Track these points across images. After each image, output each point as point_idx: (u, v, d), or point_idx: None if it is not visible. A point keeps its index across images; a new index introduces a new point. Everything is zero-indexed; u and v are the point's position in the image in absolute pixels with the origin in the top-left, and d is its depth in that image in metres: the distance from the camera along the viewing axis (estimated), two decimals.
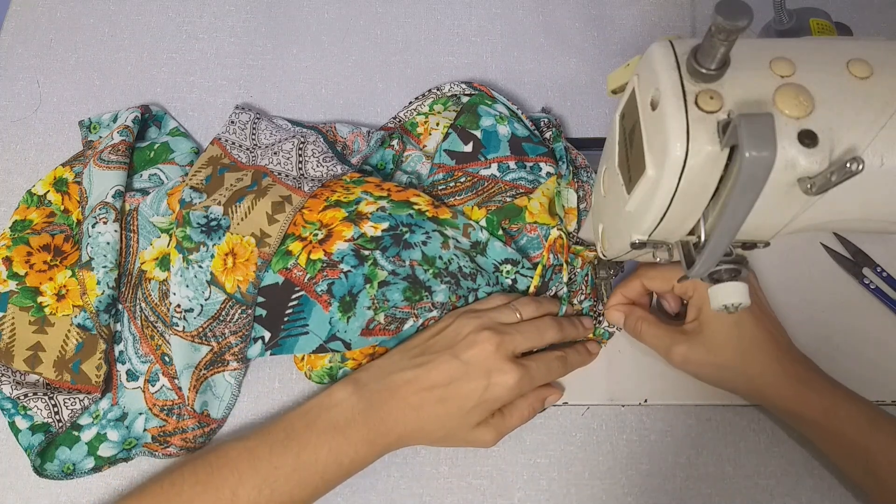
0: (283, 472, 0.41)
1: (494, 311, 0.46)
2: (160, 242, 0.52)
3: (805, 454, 0.48)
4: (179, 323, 0.48)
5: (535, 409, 0.46)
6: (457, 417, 0.43)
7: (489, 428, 0.44)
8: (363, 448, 0.42)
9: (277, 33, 0.63)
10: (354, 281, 0.47)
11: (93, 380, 0.49)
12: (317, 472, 0.41)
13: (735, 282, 0.37)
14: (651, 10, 0.64)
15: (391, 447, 0.44)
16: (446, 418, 0.43)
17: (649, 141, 0.33)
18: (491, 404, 0.43)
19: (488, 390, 0.43)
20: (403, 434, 0.43)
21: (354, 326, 0.46)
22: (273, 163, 0.53)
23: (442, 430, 0.43)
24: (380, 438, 0.42)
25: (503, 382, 0.43)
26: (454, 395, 0.42)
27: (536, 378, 0.45)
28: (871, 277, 0.52)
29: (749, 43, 0.33)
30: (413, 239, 0.48)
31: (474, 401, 0.43)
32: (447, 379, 0.42)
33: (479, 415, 0.43)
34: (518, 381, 0.43)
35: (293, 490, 0.41)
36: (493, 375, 0.43)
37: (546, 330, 0.46)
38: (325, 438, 0.42)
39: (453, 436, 0.44)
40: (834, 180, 0.29)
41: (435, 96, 0.57)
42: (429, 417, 0.43)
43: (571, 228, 0.52)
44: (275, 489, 0.40)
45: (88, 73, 0.61)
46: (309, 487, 0.41)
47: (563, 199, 0.53)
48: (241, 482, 0.40)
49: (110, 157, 0.53)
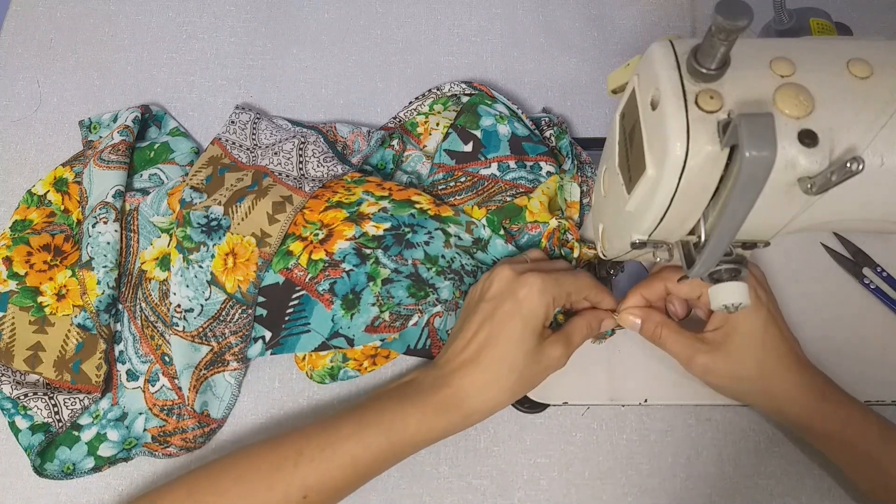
0: (344, 432, 0.41)
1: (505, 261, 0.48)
2: (160, 242, 0.52)
3: (805, 454, 0.48)
4: (179, 323, 0.48)
5: (592, 326, 0.46)
6: (513, 350, 0.42)
7: (553, 343, 0.44)
8: (430, 411, 0.41)
9: (277, 33, 0.63)
10: (357, 279, 0.47)
11: (93, 380, 0.49)
12: (381, 434, 0.41)
13: (735, 281, 0.37)
14: (651, 10, 0.64)
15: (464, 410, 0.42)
16: (505, 355, 0.42)
17: (649, 141, 0.33)
18: (533, 318, 0.43)
19: (522, 305, 0.43)
20: (472, 392, 0.42)
21: (359, 323, 0.46)
22: (273, 163, 0.53)
23: (511, 372, 0.42)
24: (448, 401, 0.42)
25: (530, 290, 0.43)
26: (496, 332, 0.42)
27: (562, 280, 0.44)
28: (871, 277, 0.52)
29: (749, 43, 0.33)
30: (415, 239, 0.49)
31: (517, 324, 0.42)
32: (481, 324, 0.43)
33: (530, 335, 0.43)
34: (542, 282, 0.43)
35: (356, 451, 0.40)
36: (519, 290, 0.43)
37: (552, 263, 0.48)
38: (391, 405, 0.42)
39: (525, 370, 0.43)
40: (834, 180, 0.29)
41: (435, 96, 0.57)
42: (488, 364, 0.42)
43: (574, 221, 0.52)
44: (337, 448, 0.40)
45: (88, 73, 0.61)
46: (373, 449, 0.41)
47: (565, 193, 0.53)
48: (307, 442, 0.41)
49: (110, 156, 0.53)
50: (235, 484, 0.40)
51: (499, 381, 0.42)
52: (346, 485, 0.41)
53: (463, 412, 0.42)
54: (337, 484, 0.41)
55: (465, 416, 0.42)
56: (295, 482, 0.40)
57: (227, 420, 0.50)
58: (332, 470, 0.40)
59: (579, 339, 0.46)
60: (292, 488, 0.40)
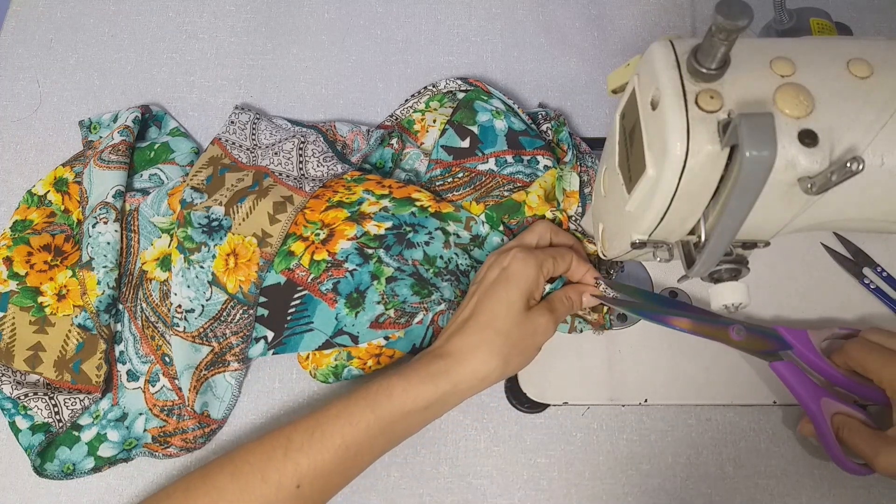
0: (331, 411, 0.41)
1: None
2: (161, 243, 0.52)
3: (805, 454, 0.48)
4: (180, 323, 0.48)
5: (572, 298, 0.47)
6: (501, 315, 0.42)
7: (539, 311, 0.44)
8: (416, 380, 0.41)
9: (277, 33, 0.63)
10: (361, 279, 0.47)
11: (93, 380, 0.49)
12: (367, 407, 0.40)
13: (735, 281, 0.38)
14: (651, 10, 0.64)
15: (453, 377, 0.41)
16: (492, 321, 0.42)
17: (649, 140, 0.33)
18: (517, 282, 0.43)
19: (507, 271, 0.44)
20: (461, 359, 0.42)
21: (363, 319, 0.47)
22: (274, 163, 0.53)
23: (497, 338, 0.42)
24: (435, 369, 0.41)
25: (514, 257, 0.44)
26: (484, 302, 0.43)
27: (545, 249, 0.47)
28: (871, 277, 0.52)
29: (749, 43, 0.33)
30: (416, 239, 0.49)
31: (502, 290, 0.43)
32: (471, 300, 0.44)
33: (517, 299, 0.43)
34: (523, 250, 0.45)
35: (344, 428, 0.40)
36: (503, 261, 0.45)
37: (534, 225, 0.49)
38: (377, 380, 0.42)
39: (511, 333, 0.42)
40: (834, 180, 0.29)
41: (431, 93, 0.57)
42: (475, 332, 0.42)
43: (572, 211, 0.52)
44: (325, 430, 0.40)
45: (88, 73, 0.61)
46: (361, 424, 0.40)
47: (564, 183, 0.53)
48: (294, 428, 0.41)
49: (110, 157, 0.53)
50: (230, 480, 0.40)
51: (485, 343, 0.42)
52: (338, 468, 0.41)
53: (451, 378, 0.41)
54: (329, 467, 0.40)
55: (453, 384, 0.41)
56: (287, 470, 0.39)
57: (228, 420, 0.50)
58: (322, 453, 0.40)
59: (562, 308, 0.46)
60: (285, 478, 0.39)
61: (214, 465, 0.41)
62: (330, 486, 0.42)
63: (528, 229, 0.49)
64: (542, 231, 0.49)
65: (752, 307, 0.51)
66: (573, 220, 0.52)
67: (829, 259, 0.53)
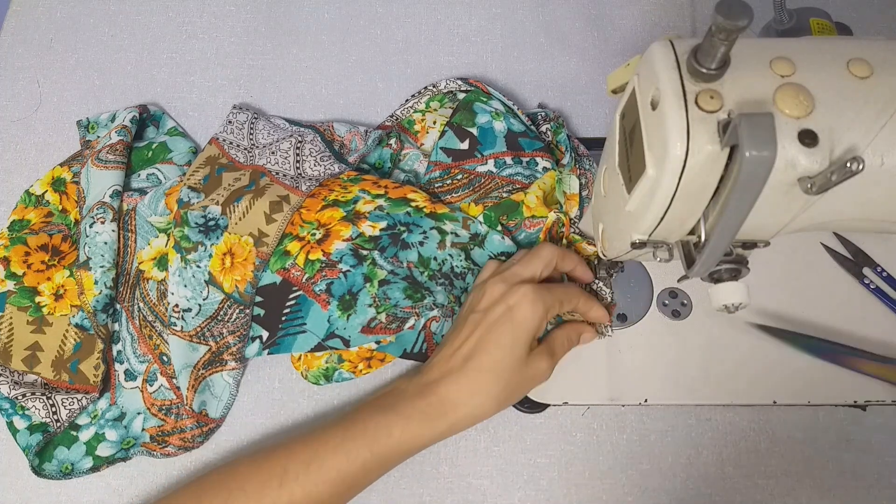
0: (330, 444, 0.41)
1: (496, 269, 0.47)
2: (158, 242, 0.52)
3: (805, 454, 0.48)
4: (177, 323, 0.48)
5: (571, 339, 0.47)
6: (503, 361, 0.42)
7: (539, 356, 0.44)
8: (415, 420, 0.41)
9: (277, 33, 0.63)
10: (354, 280, 0.47)
11: (91, 379, 0.49)
12: (364, 444, 0.41)
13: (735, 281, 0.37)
14: (651, 10, 0.64)
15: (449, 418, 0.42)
16: (493, 366, 0.42)
17: (649, 140, 0.33)
18: (524, 327, 0.42)
19: (514, 316, 0.42)
20: (459, 402, 0.41)
21: (355, 323, 0.46)
22: (271, 162, 0.53)
23: (497, 383, 0.42)
24: (433, 410, 0.41)
25: (521, 300, 0.43)
26: (486, 342, 0.42)
27: (555, 291, 0.45)
28: (871, 277, 0.52)
29: (749, 43, 0.33)
30: (410, 239, 0.49)
31: (507, 335, 0.42)
32: (470, 333, 0.43)
33: (521, 344, 0.42)
34: (534, 292, 0.43)
35: (341, 464, 0.40)
36: (510, 299, 0.43)
37: (541, 249, 0.47)
38: (375, 415, 0.42)
39: (511, 380, 0.42)
40: (834, 180, 0.29)
41: (431, 93, 0.57)
42: (475, 375, 0.42)
43: (573, 214, 0.52)
44: (322, 463, 0.40)
45: (88, 73, 0.61)
46: (358, 461, 0.40)
47: (564, 186, 0.53)
48: (291, 457, 0.41)
49: (108, 156, 0.53)
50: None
51: (485, 389, 0.42)
52: (332, 499, 0.41)
53: (448, 420, 0.42)
54: (323, 498, 0.40)
55: (450, 425, 0.42)
56: (282, 501, 0.40)
57: (227, 420, 0.49)
58: (318, 485, 0.40)
59: (561, 351, 0.46)
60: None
61: (207, 487, 0.41)
62: None
63: (535, 254, 0.46)
64: (549, 257, 0.47)
65: (751, 307, 0.51)
66: (572, 222, 0.52)
67: (829, 259, 0.53)
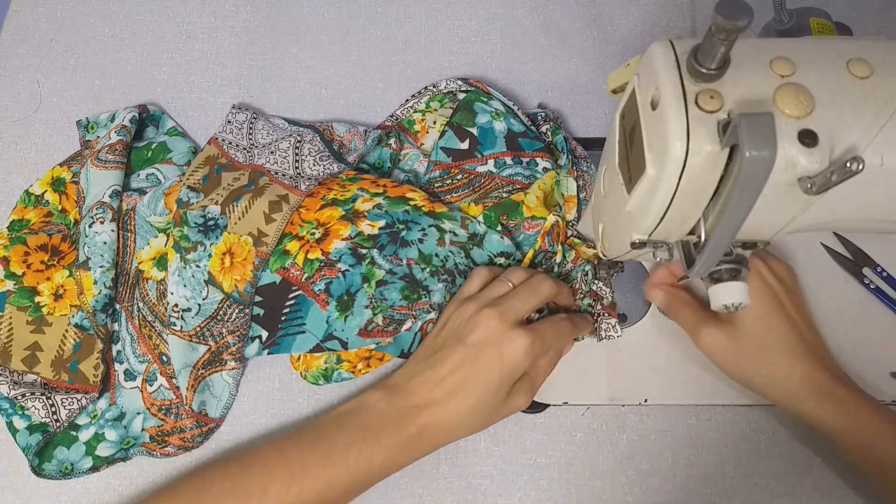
0: (312, 470, 0.40)
1: (487, 290, 0.46)
2: (157, 242, 0.52)
3: (805, 454, 0.48)
4: (177, 322, 0.48)
5: (553, 363, 0.47)
6: (485, 401, 0.42)
7: (519, 392, 0.44)
8: (396, 450, 0.42)
9: (277, 33, 0.63)
10: (352, 280, 0.47)
11: (90, 379, 0.49)
12: (346, 472, 0.41)
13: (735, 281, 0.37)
14: (651, 10, 0.64)
15: (427, 447, 0.43)
16: (476, 405, 0.42)
17: (649, 140, 0.33)
18: (512, 375, 0.43)
19: (504, 362, 0.42)
20: (438, 433, 0.42)
21: (352, 325, 0.46)
22: (270, 162, 0.53)
23: (476, 418, 0.43)
24: (413, 440, 0.42)
25: (516, 350, 0.42)
26: (473, 381, 0.42)
27: (547, 338, 0.44)
28: (871, 277, 0.52)
29: (749, 43, 0.33)
30: (409, 236, 0.49)
31: (495, 378, 0.42)
32: (458, 366, 0.42)
33: (504, 389, 0.43)
34: (530, 344, 0.42)
35: (321, 489, 0.40)
36: (504, 345, 0.42)
37: (539, 285, 0.46)
38: (355, 439, 0.41)
39: (489, 418, 0.43)
40: (834, 180, 0.29)
41: (431, 93, 0.57)
42: (458, 410, 0.42)
43: (571, 217, 0.52)
44: (304, 487, 0.40)
45: (88, 73, 0.61)
46: (338, 488, 0.41)
47: (562, 188, 0.53)
48: (271, 479, 0.40)
49: (107, 156, 0.53)
50: None
51: (464, 422, 0.43)
52: None
53: (425, 449, 0.43)
54: None
55: (427, 452, 0.43)
56: None
57: (227, 420, 0.49)
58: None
59: (542, 381, 0.46)
60: None
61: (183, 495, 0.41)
62: None
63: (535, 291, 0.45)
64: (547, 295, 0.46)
65: None
66: (570, 225, 0.52)
67: (829, 259, 0.53)
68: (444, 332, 0.45)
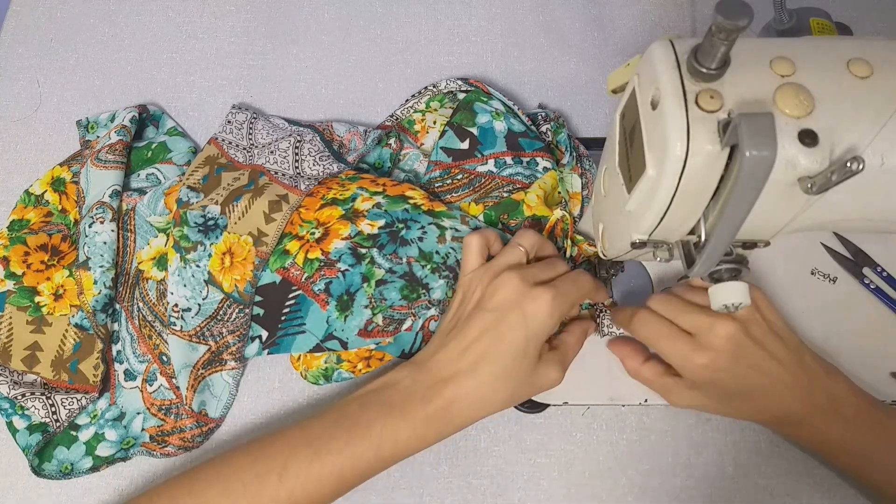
0: (335, 445, 0.40)
1: (500, 256, 0.45)
2: (157, 242, 0.52)
3: (805, 454, 0.48)
4: (177, 322, 0.48)
5: (581, 342, 0.46)
6: (512, 368, 0.41)
7: (550, 364, 0.43)
8: (421, 424, 0.40)
9: (277, 33, 0.63)
10: (352, 280, 0.47)
11: (90, 379, 0.49)
12: (370, 448, 0.40)
13: (735, 281, 0.37)
14: (651, 10, 0.64)
15: (456, 422, 0.41)
16: (503, 372, 0.41)
17: (649, 140, 0.33)
18: (538, 336, 0.41)
19: (528, 323, 0.41)
20: (465, 406, 0.41)
21: (352, 325, 0.46)
22: (270, 162, 0.53)
23: (506, 388, 0.41)
24: (440, 414, 0.40)
25: (538, 308, 0.41)
26: (497, 347, 0.41)
27: (569, 293, 0.43)
28: (871, 277, 0.52)
29: (749, 42, 0.33)
30: (409, 235, 0.49)
31: (520, 341, 0.41)
32: (481, 333, 0.41)
33: (532, 353, 0.41)
34: (552, 299, 0.41)
35: (344, 465, 0.40)
36: (526, 305, 0.41)
37: (556, 263, 0.45)
38: (379, 415, 0.40)
39: (519, 388, 0.42)
40: (834, 180, 0.29)
41: (431, 93, 0.57)
42: (485, 379, 0.41)
43: (576, 213, 0.52)
44: (325, 463, 0.39)
45: (88, 73, 0.61)
46: (361, 464, 0.40)
47: (567, 185, 0.53)
48: (292, 454, 0.40)
49: (107, 156, 0.53)
50: (220, 496, 0.39)
51: (492, 395, 0.41)
52: (332, 496, 0.41)
53: (454, 424, 0.41)
54: (323, 495, 0.40)
55: (455, 427, 0.41)
56: (281, 496, 0.39)
57: (227, 420, 0.49)
58: (319, 483, 0.39)
59: (573, 356, 0.46)
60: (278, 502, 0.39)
61: (202, 478, 0.40)
62: None
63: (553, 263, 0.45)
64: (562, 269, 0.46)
65: None
66: (574, 221, 0.52)
67: (829, 259, 0.53)
68: (465, 303, 0.44)
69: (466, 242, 0.46)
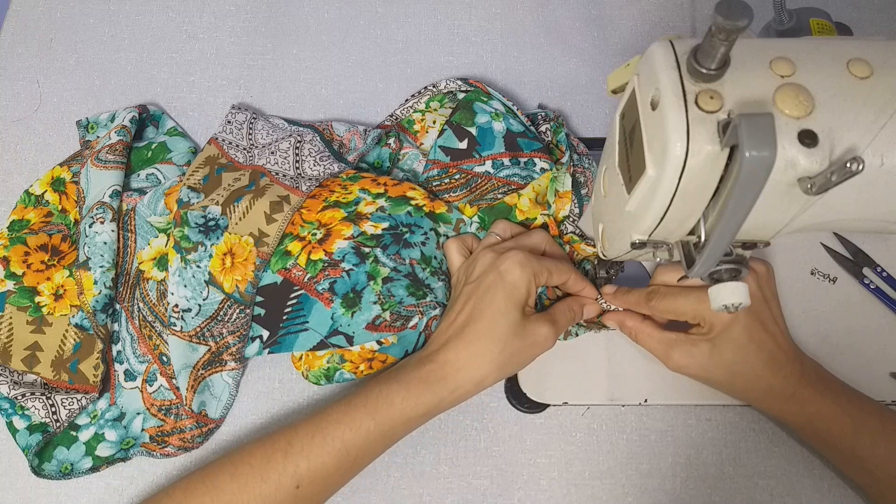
0: (333, 416, 0.42)
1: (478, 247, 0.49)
2: (158, 242, 0.52)
3: (805, 454, 0.48)
4: (177, 323, 0.48)
5: (574, 310, 0.48)
6: (498, 324, 0.43)
7: (539, 321, 0.44)
8: (416, 386, 0.42)
9: (277, 33, 0.63)
10: (357, 279, 0.47)
11: (90, 379, 0.49)
12: (367, 414, 0.41)
13: (735, 282, 0.37)
14: (651, 10, 0.64)
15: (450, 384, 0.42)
16: (489, 329, 0.43)
17: (649, 141, 0.33)
18: (515, 289, 0.44)
19: (503, 277, 0.44)
20: (459, 368, 0.42)
21: (360, 320, 0.47)
22: (270, 162, 0.53)
23: (494, 344, 0.43)
24: (433, 377, 0.42)
25: (511, 264, 0.44)
26: (480, 307, 0.43)
27: (542, 259, 0.46)
28: (871, 277, 0.52)
29: (749, 43, 0.33)
30: (413, 239, 0.49)
31: (500, 297, 0.43)
32: (465, 302, 0.45)
33: (513, 307, 0.43)
34: (523, 256, 0.44)
35: (346, 436, 0.41)
36: (500, 265, 0.44)
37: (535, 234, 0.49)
38: (376, 387, 0.43)
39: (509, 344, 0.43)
40: (834, 180, 0.29)
41: (431, 93, 0.57)
42: (472, 338, 0.43)
43: (566, 212, 0.52)
44: (326, 434, 0.41)
45: (88, 73, 0.61)
46: (361, 432, 0.41)
47: (557, 184, 0.53)
48: (295, 432, 0.42)
49: (108, 156, 0.53)
50: (230, 480, 0.41)
51: (483, 352, 0.43)
52: (338, 471, 0.42)
53: (449, 385, 0.42)
54: (329, 470, 0.41)
55: (451, 390, 0.42)
56: (287, 471, 0.40)
57: (227, 420, 0.49)
58: (322, 456, 0.41)
59: (564, 321, 0.46)
60: (285, 478, 0.40)
61: (215, 465, 0.42)
62: (329, 487, 0.42)
63: (527, 234, 0.49)
64: (539, 240, 0.49)
65: None
66: (571, 221, 0.52)
67: (829, 259, 0.53)
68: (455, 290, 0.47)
69: (447, 248, 0.50)
